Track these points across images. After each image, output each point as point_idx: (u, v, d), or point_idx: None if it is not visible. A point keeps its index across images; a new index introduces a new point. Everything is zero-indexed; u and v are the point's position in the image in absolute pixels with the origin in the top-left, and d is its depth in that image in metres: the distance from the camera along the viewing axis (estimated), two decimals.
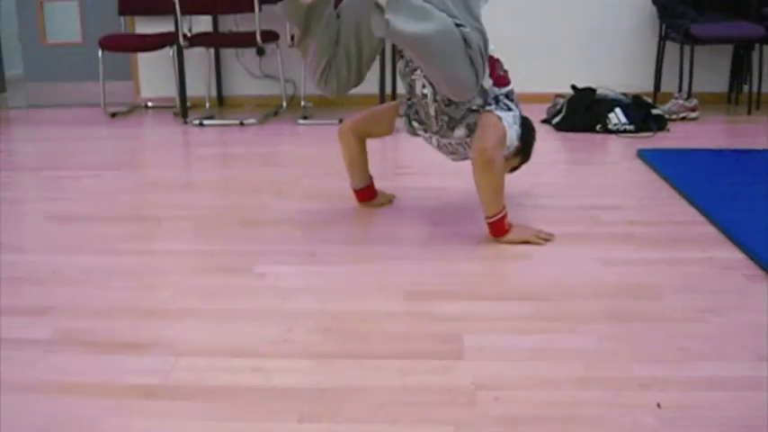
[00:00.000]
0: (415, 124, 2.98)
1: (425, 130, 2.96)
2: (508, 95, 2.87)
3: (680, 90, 5.29)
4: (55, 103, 6.32)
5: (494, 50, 2.84)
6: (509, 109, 2.83)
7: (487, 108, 2.79)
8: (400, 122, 3.03)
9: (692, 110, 5.09)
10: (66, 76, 6.33)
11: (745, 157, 3.96)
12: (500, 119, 2.75)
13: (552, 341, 2.00)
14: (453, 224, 2.99)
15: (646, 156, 3.95)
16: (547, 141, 4.51)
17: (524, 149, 3.03)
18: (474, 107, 2.79)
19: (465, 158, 3.00)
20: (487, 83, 2.79)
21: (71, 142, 4.87)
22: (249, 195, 3.48)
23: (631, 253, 2.65)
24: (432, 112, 2.85)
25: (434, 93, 2.80)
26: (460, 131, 2.84)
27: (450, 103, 2.79)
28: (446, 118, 2.83)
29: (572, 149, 4.39)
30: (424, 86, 2.82)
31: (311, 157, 4.28)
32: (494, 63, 2.83)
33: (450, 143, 2.93)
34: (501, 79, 2.85)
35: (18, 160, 4.37)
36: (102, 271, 2.57)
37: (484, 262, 2.61)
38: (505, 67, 2.89)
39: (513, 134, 2.80)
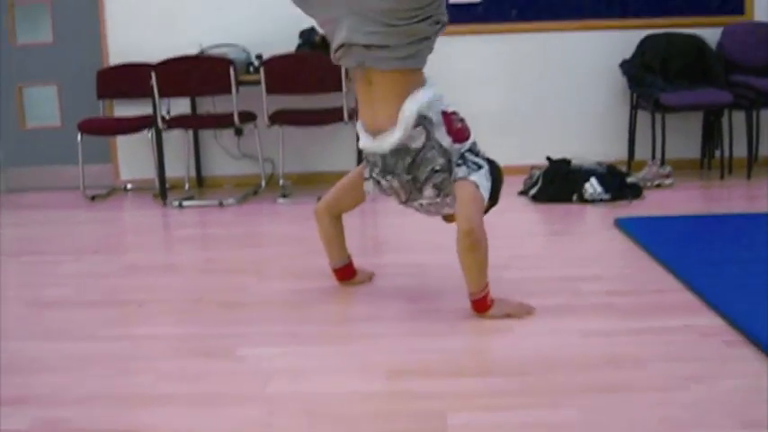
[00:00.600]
0: (384, 183, 2.88)
1: (393, 196, 2.92)
2: (472, 149, 2.80)
3: (653, 157, 5.36)
4: (34, 186, 6.31)
5: (448, 105, 2.77)
6: (479, 167, 2.77)
7: (459, 174, 2.74)
8: (368, 185, 2.96)
9: (667, 176, 5.16)
10: (46, 159, 6.34)
11: (720, 222, 4.01)
12: (477, 186, 2.72)
13: (535, 416, 2.00)
14: (433, 300, 3.00)
15: (623, 225, 3.98)
16: (524, 213, 4.56)
17: (492, 194, 2.87)
18: (437, 167, 2.74)
19: (439, 214, 2.98)
20: (446, 141, 2.74)
21: (51, 226, 4.87)
22: (230, 277, 3.48)
23: (612, 323, 2.66)
24: (399, 170, 2.77)
25: (396, 158, 2.76)
26: (429, 191, 2.79)
27: (411, 168, 2.74)
28: (410, 178, 2.77)
29: (550, 221, 4.43)
30: (384, 157, 2.79)
31: (291, 236, 4.30)
32: (450, 118, 2.75)
33: (421, 204, 2.88)
34: (460, 133, 2.77)
35: None
36: (81, 358, 2.55)
37: (465, 337, 2.61)
38: (461, 116, 2.79)
39: (486, 194, 2.76)
